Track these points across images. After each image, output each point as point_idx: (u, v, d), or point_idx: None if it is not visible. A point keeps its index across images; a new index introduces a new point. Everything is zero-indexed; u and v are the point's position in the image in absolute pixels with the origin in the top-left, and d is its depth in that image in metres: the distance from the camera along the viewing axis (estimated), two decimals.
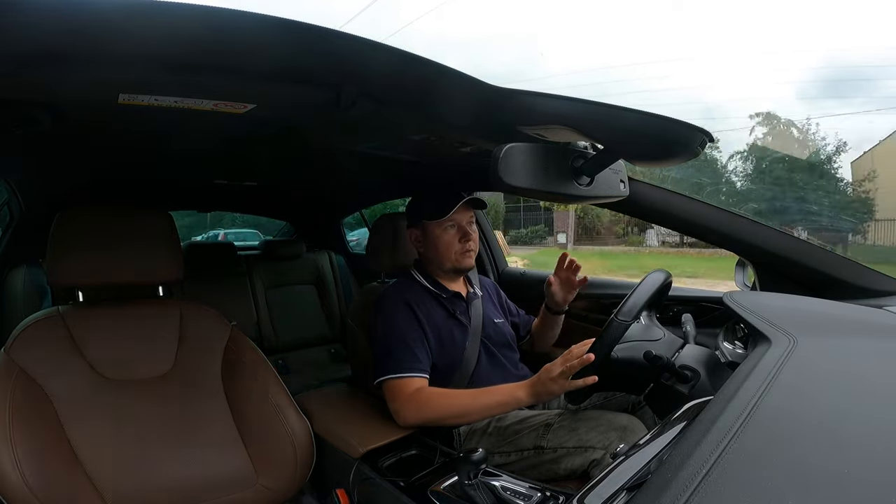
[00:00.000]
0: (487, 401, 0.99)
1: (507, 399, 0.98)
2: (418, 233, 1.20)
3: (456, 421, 1.03)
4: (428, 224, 1.17)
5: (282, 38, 0.52)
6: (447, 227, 1.16)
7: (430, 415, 1.01)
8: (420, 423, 1.02)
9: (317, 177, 1.69)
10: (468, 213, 1.18)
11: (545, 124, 0.69)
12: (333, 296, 2.45)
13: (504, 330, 1.27)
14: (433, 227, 1.16)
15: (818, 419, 0.47)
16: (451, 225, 1.16)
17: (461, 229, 1.16)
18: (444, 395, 1.03)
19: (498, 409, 1.00)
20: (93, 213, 0.97)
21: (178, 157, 1.29)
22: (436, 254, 1.17)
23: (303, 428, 1.00)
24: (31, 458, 0.77)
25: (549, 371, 0.92)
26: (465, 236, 1.16)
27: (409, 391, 1.02)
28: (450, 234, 1.16)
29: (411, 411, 1.01)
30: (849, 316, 0.80)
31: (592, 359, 0.85)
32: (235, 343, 1.05)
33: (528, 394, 0.95)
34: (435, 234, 1.16)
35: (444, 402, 1.01)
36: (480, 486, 0.76)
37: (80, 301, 0.97)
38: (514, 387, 0.98)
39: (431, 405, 1.01)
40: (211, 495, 0.92)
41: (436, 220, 1.15)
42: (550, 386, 0.92)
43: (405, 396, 1.02)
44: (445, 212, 1.13)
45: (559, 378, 0.90)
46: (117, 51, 0.49)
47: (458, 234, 1.16)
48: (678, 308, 1.31)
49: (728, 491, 0.35)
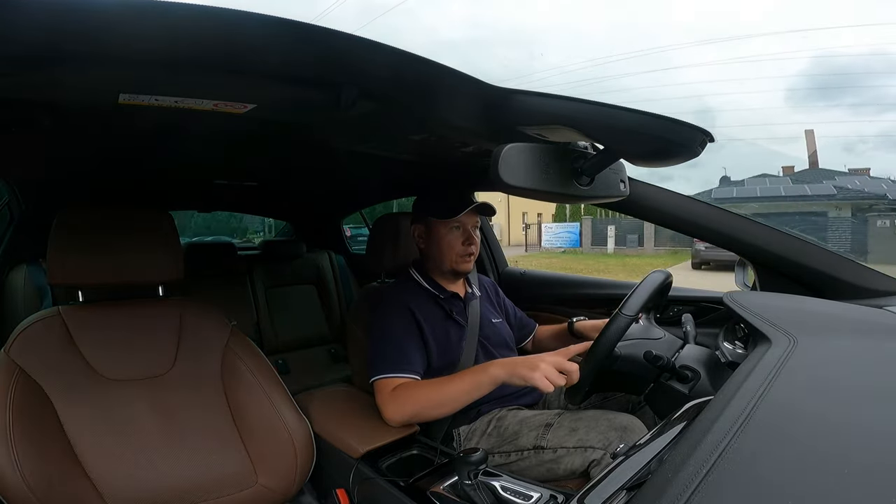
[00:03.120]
0: (462, 384, 0.96)
1: (482, 377, 0.94)
2: (422, 229, 1.20)
3: (438, 410, 0.99)
4: (434, 222, 1.17)
5: (282, 38, 0.52)
6: (452, 228, 1.16)
7: (410, 407, 0.99)
8: (403, 418, 1.00)
9: (317, 177, 1.69)
10: (474, 218, 1.18)
11: (545, 124, 0.69)
12: (333, 296, 2.45)
13: (502, 330, 1.27)
14: (438, 225, 1.16)
15: (818, 419, 0.47)
16: (456, 226, 1.16)
17: (466, 232, 1.16)
18: (421, 385, 1.02)
19: (474, 390, 0.95)
20: (93, 212, 0.97)
21: (179, 157, 1.29)
22: (437, 252, 1.17)
23: (303, 428, 1.00)
24: (31, 458, 0.77)
25: (537, 360, 0.89)
26: (469, 240, 1.16)
27: (390, 389, 1.02)
28: (454, 236, 1.16)
29: (393, 408, 1.00)
30: (849, 316, 0.80)
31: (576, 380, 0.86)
32: (235, 343, 1.05)
33: (505, 372, 0.92)
34: (439, 233, 1.16)
35: (421, 392, 0.99)
36: (480, 487, 0.76)
37: (81, 301, 0.97)
38: (489, 364, 0.95)
39: (410, 398, 0.99)
40: (211, 495, 0.92)
41: (442, 220, 1.15)
42: (529, 374, 0.88)
43: (387, 394, 1.01)
44: (454, 213, 1.13)
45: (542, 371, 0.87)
46: (117, 51, 0.49)
47: (461, 236, 1.16)
48: (678, 308, 1.32)
49: (728, 491, 0.36)
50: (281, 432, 0.98)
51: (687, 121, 0.63)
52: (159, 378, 0.97)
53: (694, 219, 1.07)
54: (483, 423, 1.08)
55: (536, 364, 0.88)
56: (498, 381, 0.93)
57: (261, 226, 7.76)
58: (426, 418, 1.02)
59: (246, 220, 7.46)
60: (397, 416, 1.00)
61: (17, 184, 1.51)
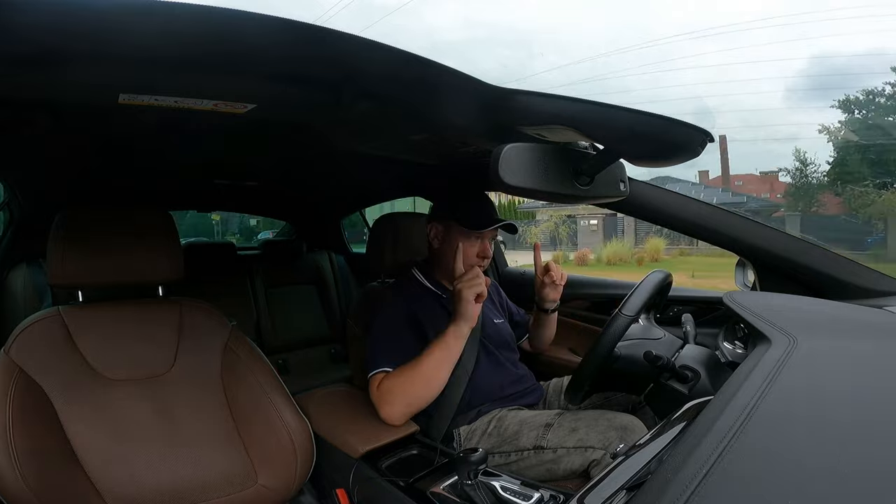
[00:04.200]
0: (433, 353, 0.99)
1: (445, 338, 1.00)
2: (441, 229, 1.19)
3: (425, 390, 1.00)
4: (456, 228, 1.16)
5: (282, 39, 0.52)
6: (473, 241, 1.15)
7: (399, 398, 0.99)
8: (400, 412, 1.00)
9: (317, 176, 1.69)
10: (494, 233, 1.18)
11: (545, 124, 0.69)
12: (333, 296, 2.45)
13: (503, 330, 1.27)
14: (460, 233, 1.15)
15: (818, 419, 0.47)
16: (477, 238, 1.15)
17: (483, 246, 1.16)
18: (397, 374, 1.01)
19: (445, 352, 1.00)
20: (93, 212, 0.97)
21: (179, 157, 1.29)
22: (451, 257, 1.16)
23: (303, 428, 1.00)
24: (31, 458, 0.77)
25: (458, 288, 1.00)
26: (484, 253, 1.16)
27: (375, 387, 1.02)
28: (472, 248, 1.15)
29: (386, 408, 1.00)
30: (849, 316, 0.80)
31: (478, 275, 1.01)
32: (235, 343, 1.05)
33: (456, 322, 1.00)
34: (458, 241, 1.14)
35: (400, 380, 1.00)
36: (480, 487, 0.76)
37: (80, 301, 0.97)
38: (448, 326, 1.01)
39: (395, 390, 0.99)
40: (210, 495, 0.92)
41: (467, 230, 1.14)
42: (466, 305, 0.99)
43: (376, 393, 1.01)
44: (481, 227, 1.13)
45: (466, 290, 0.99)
46: (117, 51, 0.49)
47: (479, 248, 1.16)
48: (678, 308, 1.32)
49: (728, 491, 0.36)
50: (281, 432, 0.98)
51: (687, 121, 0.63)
52: (159, 378, 0.97)
53: (694, 219, 1.07)
54: (483, 424, 1.08)
55: (460, 292, 0.99)
56: (459, 333, 1.00)
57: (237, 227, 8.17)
58: (420, 404, 1.01)
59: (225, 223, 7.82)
60: (393, 415, 1.00)
61: (17, 184, 1.51)
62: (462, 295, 0.99)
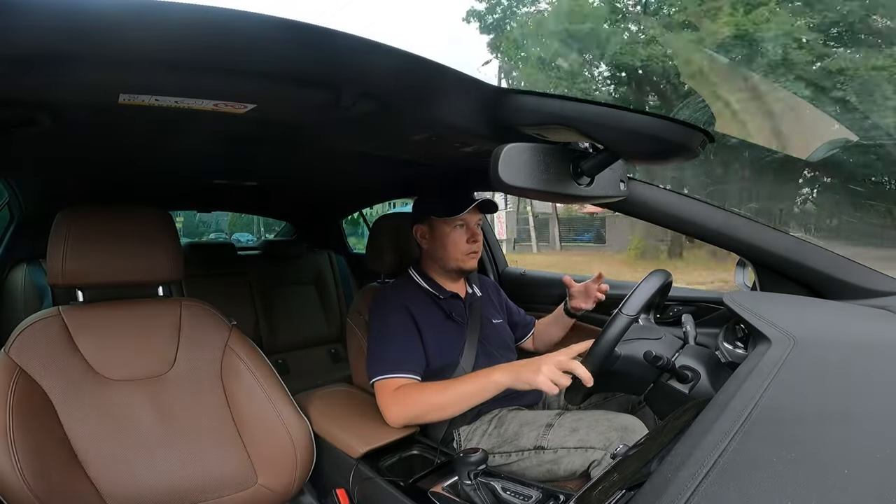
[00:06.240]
0: (466, 388, 0.95)
1: (486, 382, 0.93)
2: (425, 229, 1.20)
3: (439, 413, 0.99)
4: (436, 221, 1.17)
5: (282, 38, 0.52)
6: (456, 226, 1.15)
7: (413, 409, 0.99)
8: (406, 420, 1.00)
9: (317, 177, 1.69)
10: (477, 216, 1.18)
11: (545, 124, 0.69)
12: (333, 296, 2.45)
13: (502, 330, 1.27)
14: (442, 224, 1.16)
15: (818, 419, 0.47)
16: (460, 224, 1.16)
17: (470, 230, 1.16)
18: (423, 387, 1.01)
19: (478, 394, 0.94)
20: (93, 212, 0.97)
21: (179, 157, 1.29)
22: (442, 252, 1.17)
23: (302, 428, 1.00)
24: (31, 458, 0.77)
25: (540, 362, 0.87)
26: (473, 237, 1.16)
27: (391, 390, 1.02)
28: (458, 233, 1.16)
29: (394, 409, 1.00)
30: (849, 316, 0.80)
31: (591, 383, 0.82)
32: (235, 343, 1.05)
33: (510, 377, 0.91)
34: (443, 232, 1.16)
35: (424, 395, 0.99)
36: (480, 487, 0.76)
37: (80, 301, 0.97)
38: (492, 369, 0.95)
39: (413, 400, 0.99)
40: (210, 495, 0.92)
41: (446, 218, 1.15)
42: (532, 378, 0.86)
43: (389, 396, 1.01)
44: (457, 211, 1.13)
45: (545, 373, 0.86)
46: (117, 51, 0.49)
47: (466, 234, 1.16)
48: (678, 308, 1.32)
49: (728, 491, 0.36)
50: (281, 432, 0.98)
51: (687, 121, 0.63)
52: (159, 378, 0.97)
53: (694, 219, 1.07)
54: (483, 424, 1.08)
55: (539, 367, 0.87)
56: (502, 386, 0.92)
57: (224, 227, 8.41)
58: (427, 420, 1.02)
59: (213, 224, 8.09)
60: (400, 418, 1.00)
61: (17, 184, 1.51)
62: (542, 370, 0.86)
